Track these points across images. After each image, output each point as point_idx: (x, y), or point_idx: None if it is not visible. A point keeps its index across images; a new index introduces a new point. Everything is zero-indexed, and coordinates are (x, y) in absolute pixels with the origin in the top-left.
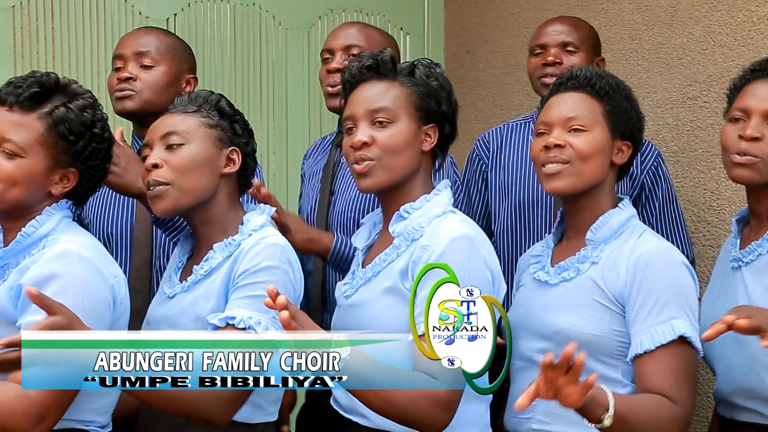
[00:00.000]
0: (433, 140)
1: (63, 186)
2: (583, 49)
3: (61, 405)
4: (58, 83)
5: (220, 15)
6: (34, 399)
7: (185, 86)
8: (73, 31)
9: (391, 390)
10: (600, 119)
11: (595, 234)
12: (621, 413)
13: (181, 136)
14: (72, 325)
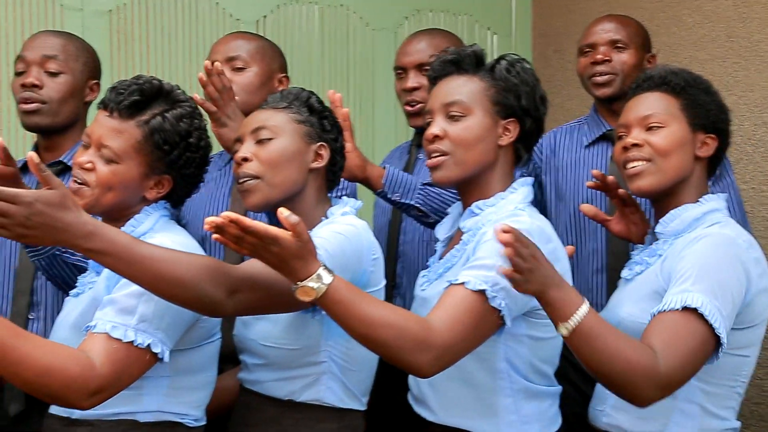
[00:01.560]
0: (513, 135)
1: (157, 192)
2: (633, 46)
3: (121, 383)
4: (160, 90)
5: (308, 17)
6: (98, 371)
7: (278, 85)
8: (167, 34)
9: (377, 321)
10: (677, 114)
11: (665, 227)
12: (585, 330)
13: (270, 130)
14: (65, 197)
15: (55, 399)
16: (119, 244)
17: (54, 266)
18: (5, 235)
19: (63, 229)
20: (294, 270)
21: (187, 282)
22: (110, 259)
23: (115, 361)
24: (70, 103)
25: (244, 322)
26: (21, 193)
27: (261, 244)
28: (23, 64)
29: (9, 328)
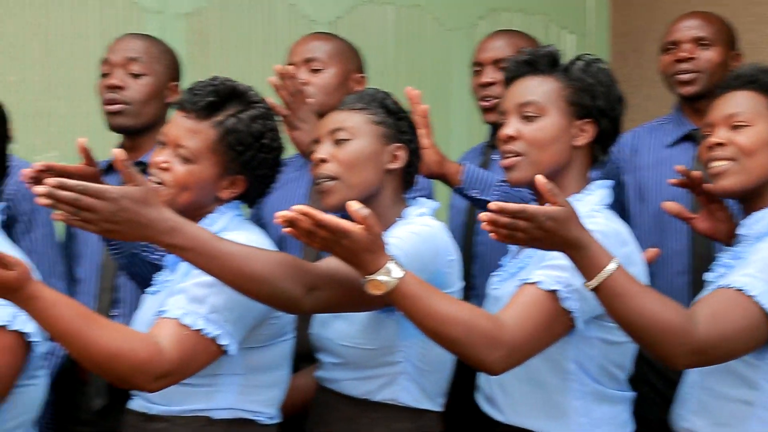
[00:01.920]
0: (588, 136)
1: (231, 192)
2: (717, 44)
3: (187, 369)
4: (235, 91)
5: (382, 17)
6: (166, 356)
7: (355, 85)
8: (243, 36)
9: (447, 317)
10: (764, 113)
11: (748, 229)
12: (614, 288)
13: (348, 131)
14: (149, 194)
15: (123, 381)
16: (200, 240)
17: (134, 264)
18: (92, 230)
19: (146, 225)
20: (364, 263)
21: (266, 278)
22: (191, 254)
23: (183, 347)
24: (152, 104)
25: (321, 321)
26: (107, 190)
27: (332, 238)
28: (108, 67)
29: (80, 313)
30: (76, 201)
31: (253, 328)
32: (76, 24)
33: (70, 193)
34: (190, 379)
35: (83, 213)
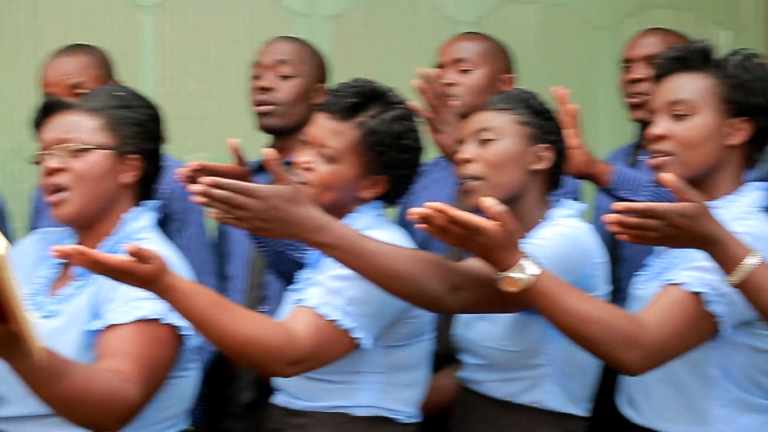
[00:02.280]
0: (744, 135)
1: (372, 192)
2: None
3: (320, 358)
4: (376, 92)
5: (526, 16)
6: (299, 343)
7: (504, 85)
8: (388, 37)
9: (585, 315)
10: None
11: None
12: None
13: (493, 132)
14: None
15: (257, 367)
16: (347, 238)
17: (279, 262)
18: (244, 228)
19: (296, 223)
20: (499, 260)
21: (411, 277)
22: (338, 252)
23: (317, 336)
24: (300, 106)
25: (465, 321)
26: (258, 188)
27: (466, 234)
28: (258, 69)
29: (215, 302)
30: (229, 199)
31: (390, 326)
32: (226, 29)
33: (223, 191)
34: (331, 376)
35: (236, 211)
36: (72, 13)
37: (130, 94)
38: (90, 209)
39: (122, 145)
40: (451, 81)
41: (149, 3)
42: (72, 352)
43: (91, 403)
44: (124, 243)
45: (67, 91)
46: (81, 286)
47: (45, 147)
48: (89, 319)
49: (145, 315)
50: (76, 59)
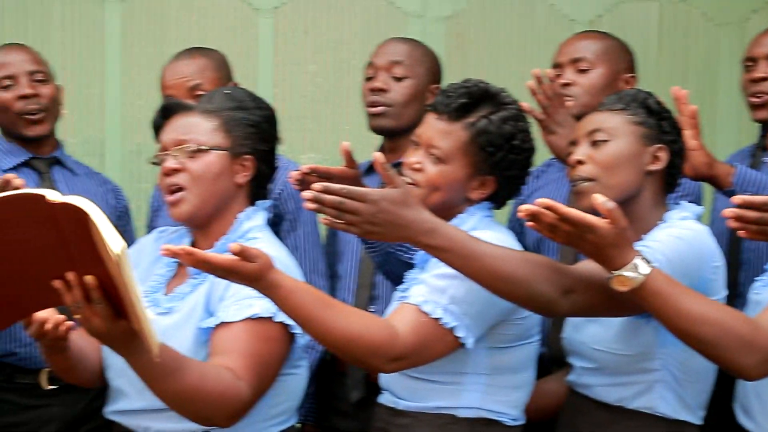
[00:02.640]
0: None
1: (481, 192)
2: None
3: (421, 355)
4: (487, 93)
5: (646, 14)
6: (401, 340)
7: (623, 85)
8: (502, 37)
9: (700, 317)
10: None
11: None
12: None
13: (606, 132)
14: (408, 196)
15: (360, 363)
16: (457, 241)
17: (388, 262)
18: (354, 232)
19: (406, 226)
20: (610, 258)
21: (521, 279)
22: (448, 255)
23: (419, 333)
24: (413, 106)
25: (575, 324)
26: (368, 192)
27: (576, 232)
28: (372, 70)
29: (319, 298)
30: (340, 204)
31: (495, 327)
32: (341, 30)
33: (334, 197)
34: (436, 376)
35: (346, 216)
36: (192, 17)
37: (246, 95)
38: (206, 209)
39: (237, 145)
40: (568, 81)
41: (267, 6)
42: (187, 348)
43: (203, 400)
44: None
45: (186, 93)
46: (196, 284)
47: (164, 148)
48: (203, 316)
49: (257, 313)
50: (194, 62)
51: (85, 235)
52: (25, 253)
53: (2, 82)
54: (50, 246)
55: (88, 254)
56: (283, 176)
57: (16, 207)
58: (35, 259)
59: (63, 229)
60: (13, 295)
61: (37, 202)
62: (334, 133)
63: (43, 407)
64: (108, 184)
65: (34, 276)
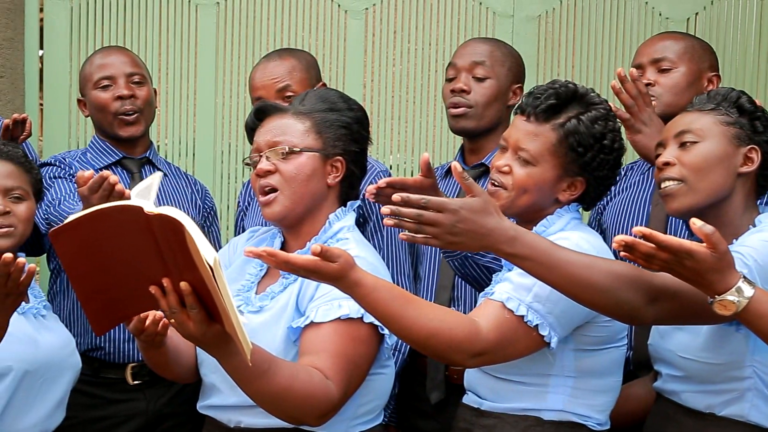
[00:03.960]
0: None
1: (570, 194)
2: None
3: (503, 352)
4: (575, 93)
5: (744, 11)
6: (483, 336)
7: (707, 85)
8: (593, 36)
9: None
10: None
11: None
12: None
13: (695, 134)
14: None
15: (442, 358)
16: (539, 249)
17: (466, 266)
18: (435, 244)
19: (486, 235)
20: (711, 284)
21: (605, 287)
22: (530, 263)
23: (502, 329)
24: (494, 107)
25: (661, 332)
26: (447, 202)
27: (674, 260)
28: (453, 71)
29: (399, 295)
30: (419, 217)
31: (581, 329)
32: (431, 31)
33: (413, 210)
34: (521, 378)
35: (426, 228)
36: (283, 19)
37: (337, 97)
38: (298, 209)
39: (329, 147)
40: (649, 81)
41: (357, 8)
42: (277, 347)
43: (294, 399)
44: (329, 243)
45: (275, 95)
46: (287, 283)
47: (257, 149)
48: (294, 315)
49: (346, 314)
50: (283, 63)
51: (180, 243)
52: (124, 260)
53: (101, 83)
54: (147, 253)
55: (182, 261)
56: (370, 178)
57: (115, 218)
58: (133, 266)
59: (158, 238)
60: (114, 299)
61: (135, 213)
62: (422, 134)
63: (129, 402)
64: (196, 185)
65: (133, 282)
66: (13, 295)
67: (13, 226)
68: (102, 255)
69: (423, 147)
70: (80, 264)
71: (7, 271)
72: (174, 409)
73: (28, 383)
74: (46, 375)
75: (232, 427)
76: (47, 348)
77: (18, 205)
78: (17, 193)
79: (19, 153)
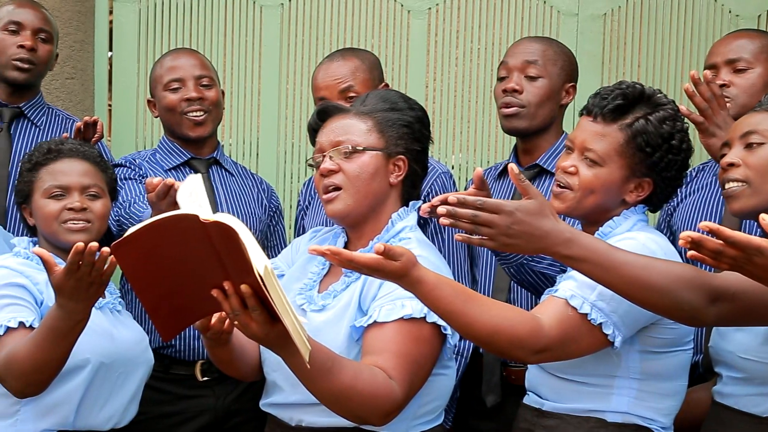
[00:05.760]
0: None
1: (637, 195)
2: None
3: (566, 349)
4: (642, 94)
5: None
6: (545, 332)
7: None
8: (659, 35)
9: None
10: None
11: None
12: None
13: (761, 134)
14: (544, 206)
15: (504, 354)
16: (596, 251)
17: (521, 273)
18: (490, 246)
19: (542, 237)
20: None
21: (664, 288)
22: (587, 265)
23: (565, 327)
24: (547, 107)
25: (721, 333)
26: (503, 204)
27: (743, 257)
28: (505, 70)
29: (462, 292)
30: (475, 217)
31: (647, 330)
32: (492, 29)
33: (468, 210)
34: (586, 378)
35: (482, 229)
36: (346, 19)
37: (398, 96)
38: (360, 208)
39: (391, 146)
40: (724, 82)
41: (420, 7)
42: (339, 345)
43: (357, 399)
44: (391, 242)
45: (338, 95)
46: (349, 281)
47: (320, 149)
48: (356, 314)
49: (409, 314)
50: (346, 64)
51: (236, 248)
52: (185, 266)
53: (171, 85)
54: (207, 259)
55: (240, 265)
56: (432, 179)
57: (173, 227)
58: (195, 272)
59: (216, 244)
60: (179, 305)
61: (192, 222)
62: (484, 134)
63: (198, 398)
64: (262, 184)
65: (196, 287)
66: (96, 284)
67: (90, 221)
68: (163, 263)
69: (485, 147)
70: (143, 274)
71: (92, 260)
72: (241, 405)
73: (103, 376)
74: (121, 369)
75: (293, 426)
76: (123, 343)
77: (94, 202)
78: (93, 190)
79: (95, 153)
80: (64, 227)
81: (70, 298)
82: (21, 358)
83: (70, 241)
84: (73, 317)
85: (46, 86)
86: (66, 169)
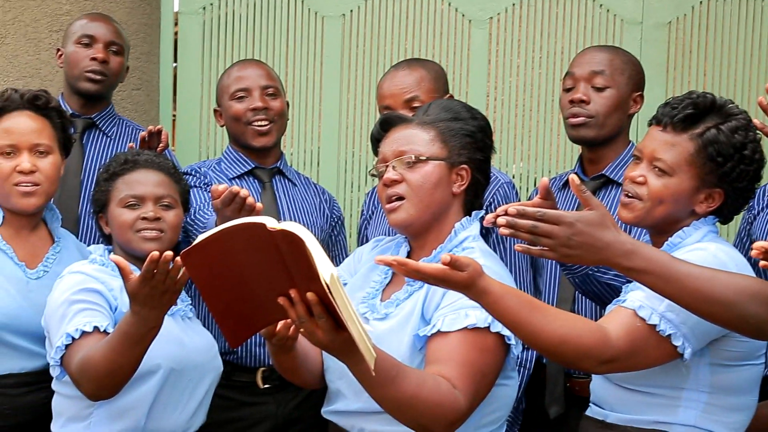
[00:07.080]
0: None
1: (707, 205)
2: None
3: (634, 360)
4: (713, 104)
5: None
6: (613, 343)
7: None
8: (726, 43)
9: None
10: None
11: None
12: None
13: None
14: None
15: (570, 364)
16: (658, 263)
17: (587, 283)
18: (550, 257)
19: (603, 248)
20: None
21: (728, 301)
22: (649, 277)
23: (633, 337)
24: (615, 116)
25: None
26: (563, 215)
27: None
28: (571, 80)
29: (528, 302)
30: (534, 228)
31: (718, 342)
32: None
33: (528, 221)
34: (653, 389)
35: (542, 240)
36: (407, 29)
37: (461, 106)
38: (424, 217)
39: (454, 155)
40: None
41: (481, 17)
42: (402, 354)
43: (421, 407)
44: (454, 252)
45: (402, 105)
46: (412, 290)
47: (383, 159)
48: (419, 323)
49: (473, 323)
50: (412, 74)
51: (303, 256)
52: (252, 274)
53: (237, 94)
54: (274, 266)
55: (306, 273)
56: (494, 189)
57: (240, 235)
58: (262, 279)
59: (282, 252)
60: (246, 312)
61: (259, 230)
62: (545, 143)
63: (259, 405)
64: (324, 194)
65: (262, 294)
66: (169, 293)
67: (162, 231)
68: (231, 271)
69: (546, 157)
70: (211, 281)
71: (166, 269)
72: (302, 413)
73: (173, 382)
74: (191, 375)
75: None
76: (193, 349)
77: (167, 212)
78: (167, 201)
79: (169, 164)
80: (138, 236)
81: (144, 305)
82: (95, 362)
83: (144, 250)
84: (147, 324)
85: (113, 97)
86: (141, 180)
